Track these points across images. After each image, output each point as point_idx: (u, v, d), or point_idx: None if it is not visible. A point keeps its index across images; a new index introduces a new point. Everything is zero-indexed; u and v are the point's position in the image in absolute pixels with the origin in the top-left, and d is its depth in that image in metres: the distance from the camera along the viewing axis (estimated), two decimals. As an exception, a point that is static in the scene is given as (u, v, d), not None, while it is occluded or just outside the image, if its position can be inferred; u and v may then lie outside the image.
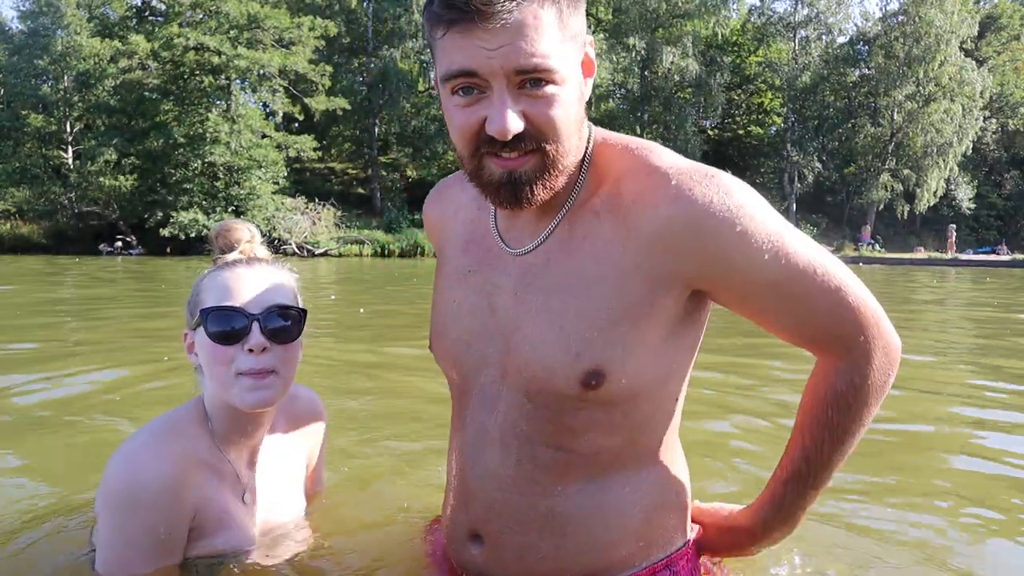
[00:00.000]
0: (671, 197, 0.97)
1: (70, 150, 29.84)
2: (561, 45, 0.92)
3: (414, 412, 2.95)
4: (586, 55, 1.00)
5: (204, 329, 1.28)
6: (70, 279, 12.63)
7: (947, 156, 34.49)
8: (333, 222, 30.11)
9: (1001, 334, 6.15)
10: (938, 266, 27.32)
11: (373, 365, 4.21)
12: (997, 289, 13.13)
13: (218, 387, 1.31)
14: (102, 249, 27.30)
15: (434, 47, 0.95)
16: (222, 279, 1.31)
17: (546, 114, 0.93)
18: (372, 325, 6.55)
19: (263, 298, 1.30)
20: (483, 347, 1.11)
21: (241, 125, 27.91)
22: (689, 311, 1.05)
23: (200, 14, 28.87)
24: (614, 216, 1.01)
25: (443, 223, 1.25)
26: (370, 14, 35.22)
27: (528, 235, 1.08)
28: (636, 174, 1.02)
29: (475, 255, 1.15)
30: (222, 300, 1.28)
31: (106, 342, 4.97)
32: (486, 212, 1.16)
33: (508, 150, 0.94)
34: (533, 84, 0.92)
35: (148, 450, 1.27)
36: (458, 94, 0.94)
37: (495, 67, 0.90)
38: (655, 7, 33.34)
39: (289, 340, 1.32)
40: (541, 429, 1.07)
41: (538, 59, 0.89)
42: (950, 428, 2.86)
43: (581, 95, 0.99)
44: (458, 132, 0.96)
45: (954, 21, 33.51)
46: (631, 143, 1.07)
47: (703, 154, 35.48)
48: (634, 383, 1.03)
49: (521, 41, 0.89)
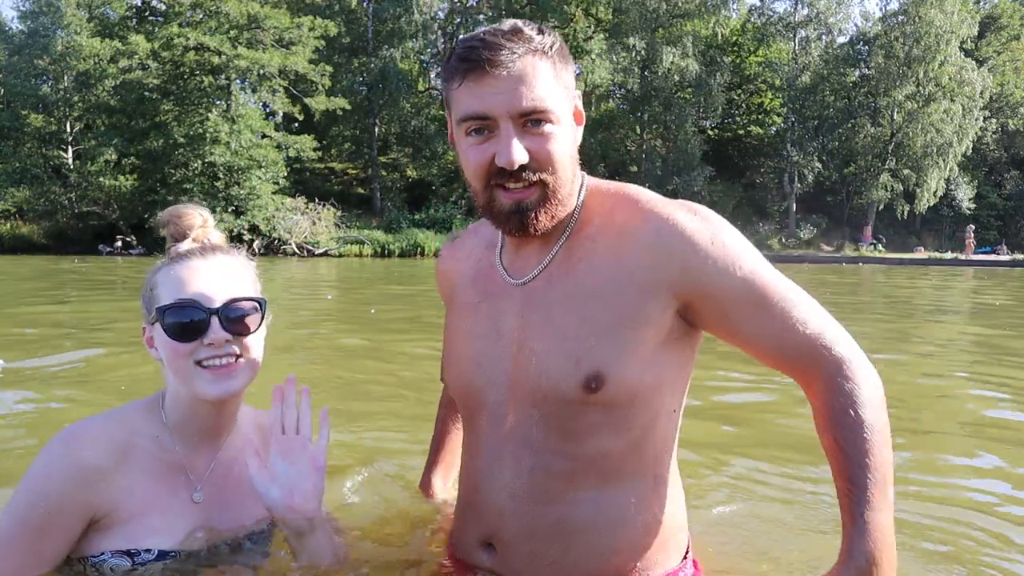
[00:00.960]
0: (658, 219, 1.14)
1: (70, 150, 29.83)
2: (555, 92, 1.11)
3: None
4: (576, 107, 1.19)
5: (161, 325, 1.26)
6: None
7: (947, 156, 34.48)
8: (333, 222, 30.10)
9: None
10: (937, 266, 27.31)
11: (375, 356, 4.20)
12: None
13: (180, 381, 1.28)
14: (102, 249, 27.29)
15: (450, 98, 1.14)
16: (177, 273, 1.28)
17: (545, 148, 1.11)
18: (379, 320, 6.55)
19: (221, 291, 1.27)
20: (492, 368, 1.23)
21: (241, 125, 27.89)
22: (678, 330, 1.17)
23: (200, 14, 28.84)
24: (607, 238, 1.18)
25: (455, 268, 1.40)
26: (370, 14, 35.21)
27: (530, 266, 1.23)
28: (626, 205, 1.19)
29: (482, 288, 1.29)
30: (178, 295, 1.26)
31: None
32: (492, 251, 1.32)
33: (514, 181, 1.11)
34: (534, 123, 1.10)
35: (86, 430, 1.26)
36: (471, 135, 1.12)
37: (502, 109, 1.08)
38: (655, 7, 33.33)
39: (249, 332, 1.30)
40: (549, 436, 1.17)
41: (537, 102, 1.08)
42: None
43: (574, 137, 1.18)
44: (472, 167, 1.14)
45: (954, 21, 33.50)
46: (620, 185, 1.25)
47: (703, 154, 35.46)
48: (632, 385, 1.14)
49: (523, 87, 1.08)
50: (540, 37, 1.12)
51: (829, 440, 1.09)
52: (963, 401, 3.41)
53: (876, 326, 6.78)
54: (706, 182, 34.78)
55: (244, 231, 27.43)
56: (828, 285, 13.64)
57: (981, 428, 2.86)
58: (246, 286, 1.32)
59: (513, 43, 1.09)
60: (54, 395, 3.23)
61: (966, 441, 2.66)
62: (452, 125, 1.17)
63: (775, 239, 35.73)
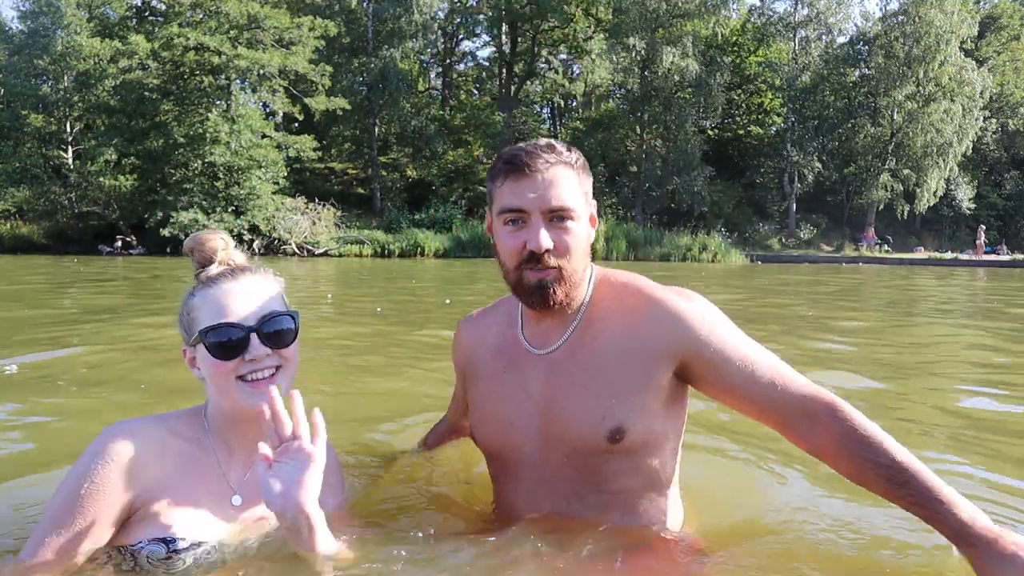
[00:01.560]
0: (660, 302, 1.44)
1: (70, 150, 29.84)
2: (577, 197, 1.42)
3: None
4: (592, 213, 1.50)
5: (204, 346, 1.36)
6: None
7: (947, 156, 34.45)
8: (333, 222, 30.09)
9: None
10: (937, 266, 27.32)
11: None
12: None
13: (222, 396, 1.40)
14: (102, 249, 27.29)
15: (493, 192, 1.45)
16: (212, 296, 1.39)
17: (565, 240, 1.40)
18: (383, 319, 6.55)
19: (256, 309, 1.39)
20: (525, 425, 1.49)
21: (241, 125, 27.89)
22: (678, 387, 1.47)
23: (200, 14, 28.85)
24: (619, 318, 1.46)
25: (475, 341, 1.65)
26: (370, 14, 35.20)
27: (552, 339, 1.50)
28: (632, 291, 1.49)
29: (507, 358, 1.55)
30: (218, 317, 1.36)
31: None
32: (513, 328, 1.58)
33: (540, 264, 1.39)
34: (558, 219, 1.39)
35: (132, 429, 1.36)
36: (508, 225, 1.41)
37: (534, 205, 1.38)
38: (655, 7, 33.32)
39: (286, 344, 1.42)
40: (582, 479, 1.45)
41: (562, 202, 1.38)
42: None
43: (588, 234, 1.47)
44: (507, 250, 1.42)
45: (954, 21, 33.49)
46: (626, 274, 1.55)
47: (703, 154, 35.44)
48: (646, 435, 1.43)
49: (553, 190, 1.38)
50: (568, 153, 1.43)
51: (858, 462, 1.31)
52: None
53: (924, 330, 6.78)
54: (706, 182, 34.77)
55: (244, 231, 27.43)
56: (832, 284, 13.64)
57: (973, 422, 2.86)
58: (278, 301, 1.45)
59: (547, 155, 1.39)
60: (64, 394, 3.22)
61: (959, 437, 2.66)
62: (492, 216, 1.46)
63: (775, 239, 35.73)
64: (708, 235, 30.74)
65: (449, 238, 29.78)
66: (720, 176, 36.58)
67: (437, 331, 5.65)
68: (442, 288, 11.97)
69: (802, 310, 8.23)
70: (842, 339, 5.48)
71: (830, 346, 5.13)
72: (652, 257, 28.78)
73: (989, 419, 3.01)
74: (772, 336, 5.54)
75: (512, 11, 38.13)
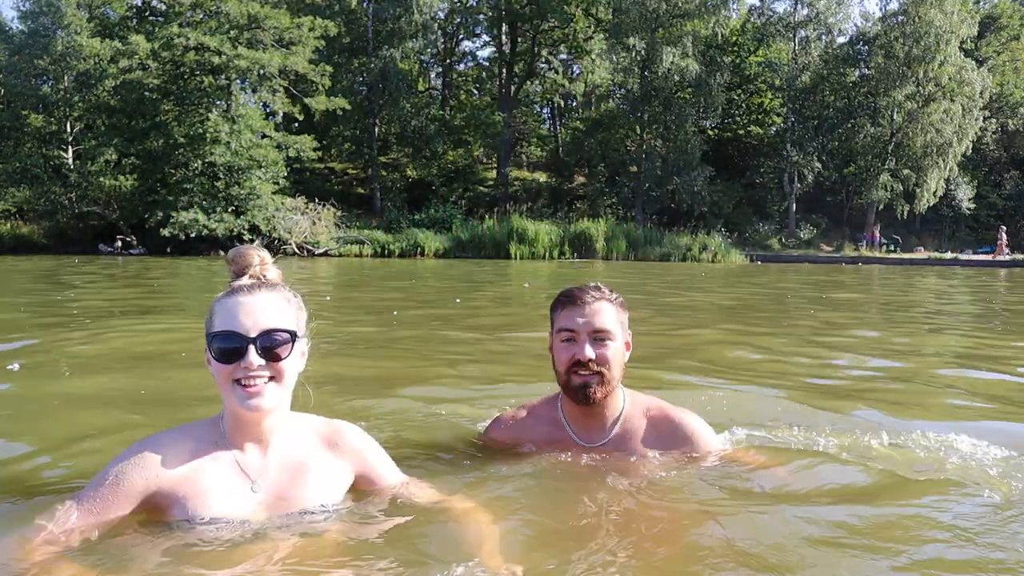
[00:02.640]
0: (678, 415, 2.20)
1: (70, 150, 29.82)
2: (615, 325, 2.05)
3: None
4: (627, 340, 2.12)
5: (209, 350, 1.58)
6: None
7: (947, 156, 34.40)
8: (333, 222, 30.09)
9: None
10: (937, 266, 27.32)
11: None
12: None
13: (225, 396, 1.61)
14: (102, 249, 27.29)
15: (553, 318, 2.11)
16: (226, 305, 1.60)
17: (605, 355, 2.02)
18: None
19: (260, 323, 1.56)
20: None
21: (241, 125, 27.87)
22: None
23: (200, 14, 28.82)
24: (649, 423, 2.16)
25: (518, 439, 2.23)
26: (370, 14, 35.19)
27: (597, 436, 2.15)
28: (656, 405, 2.21)
29: (557, 451, 2.17)
30: (225, 325, 1.57)
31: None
32: (559, 428, 2.19)
33: (584, 370, 2.02)
34: (600, 340, 2.03)
35: (157, 438, 1.65)
36: (564, 342, 2.06)
37: (583, 328, 2.02)
38: (655, 7, 33.28)
39: (280, 359, 1.58)
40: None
41: (605, 327, 2.03)
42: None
43: (624, 355, 2.09)
44: (563, 360, 2.06)
45: (954, 21, 33.45)
46: (648, 397, 2.26)
47: (703, 154, 35.41)
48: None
49: (598, 317, 2.02)
50: (610, 293, 2.09)
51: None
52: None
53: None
54: (706, 182, 34.75)
55: (244, 231, 27.43)
56: (843, 287, 13.63)
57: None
58: (285, 319, 1.61)
59: (595, 293, 2.05)
60: (72, 390, 3.23)
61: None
62: (552, 334, 2.11)
63: (775, 239, 35.71)
64: (708, 235, 30.72)
65: (449, 238, 29.79)
66: (720, 176, 36.55)
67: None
68: (457, 289, 11.96)
69: (870, 319, 8.23)
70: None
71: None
72: (652, 257, 28.77)
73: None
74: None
75: (512, 11, 38.13)
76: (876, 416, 2.96)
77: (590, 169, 40.02)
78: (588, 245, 29.22)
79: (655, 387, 3.13)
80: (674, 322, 7.00)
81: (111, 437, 2.45)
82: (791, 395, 3.36)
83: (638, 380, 2.68)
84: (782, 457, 2.22)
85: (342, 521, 1.69)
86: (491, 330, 6.03)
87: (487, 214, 31.86)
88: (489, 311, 8.14)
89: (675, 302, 9.61)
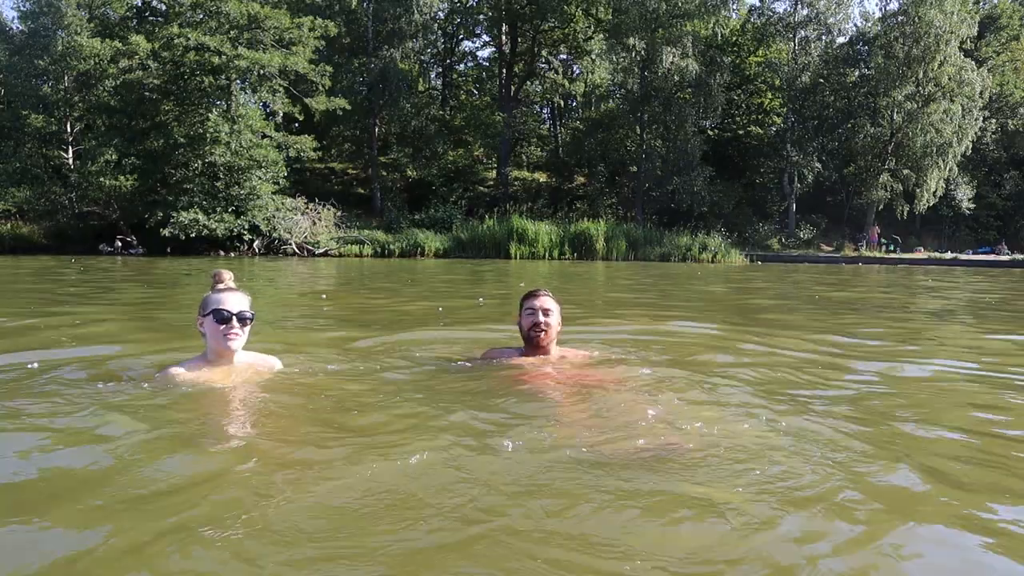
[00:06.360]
0: (580, 351, 4.12)
1: (70, 150, 29.83)
2: (555, 307, 3.86)
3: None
4: (559, 320, 3.89)
5: (211, 318, 3.20)
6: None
7: (947, 156, 34.40)
8: (333, 222, 30.11)
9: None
10: (937, 266, 27.32)
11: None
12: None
13: (215, 341, 3.22)
14: (102, 249, 27.29)
15: (523, 302, 3.86)
16: (217, 298, 3.23)
17: (548, 321, 3.78)
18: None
19: (237, 307, 3.23)
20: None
21: (241, 125, 27.88)
22: None
23: (200, 14, 28.82)
24: (565, 356, 3.93)
25: (500, 359, 3.85)
26: (370, 14, 35.20)
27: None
28: (570, 350, 4.05)
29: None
30: (219, 305, 3.21)
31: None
32: (522, 357, 3.84)
33: (538, 329, 3.76)
34: (546, 313, 3.79)
35: (174, 367, 3.25)
36: (528, 315, 3.80)
37: (538, 307, 3.79)
38: (655, 7, 33.29)
39: (246, 324, 3.25)
40: None
41: (548, 307, 3.82)
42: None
43: (558, 323, 3.87)
44: (527, 324, 3.79)
45: (954, 21, 33.45)
46: (567, 348, 4.11)
47: (703, 154, 35.43)
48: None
49: (546, 301, 3.82)
50: (550, 293, 3.85)
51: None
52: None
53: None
54: (706, 182, 34.75)
55: (244, 231, 27.45)
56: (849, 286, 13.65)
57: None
58: (247, 306, 3.27)
59: (544, 291, 3.82)
60: (84, 387, 3.24)
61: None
62: (520, 312, 3.85)
63: (775, 239, 35.72)
64: (708, 235, 30.73)
65: (449, 238, 29.80)
66: (720, 176, 36.56)
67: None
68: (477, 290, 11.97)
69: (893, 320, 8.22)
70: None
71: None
72: (652, 257, 28.78)
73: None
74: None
75: (512, 11, 38.16)
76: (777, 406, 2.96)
77: (590, 169, 40.03)
78: (588, 245, 29.22)
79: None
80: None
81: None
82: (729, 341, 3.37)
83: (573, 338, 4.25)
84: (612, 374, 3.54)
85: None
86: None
87: (487, 214, 31.86)
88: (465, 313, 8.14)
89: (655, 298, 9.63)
